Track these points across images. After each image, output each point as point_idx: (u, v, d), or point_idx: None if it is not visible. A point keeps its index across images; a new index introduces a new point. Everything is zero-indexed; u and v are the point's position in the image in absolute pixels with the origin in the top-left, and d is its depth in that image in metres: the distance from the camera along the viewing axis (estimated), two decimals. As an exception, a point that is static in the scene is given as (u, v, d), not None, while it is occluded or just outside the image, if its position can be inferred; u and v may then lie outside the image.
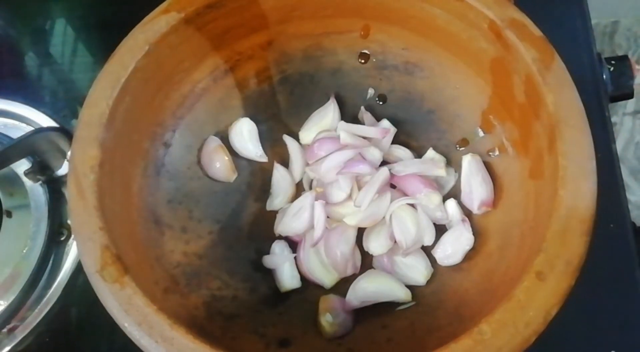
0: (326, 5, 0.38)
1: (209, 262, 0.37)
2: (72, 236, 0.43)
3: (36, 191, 0.44)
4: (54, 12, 0.53)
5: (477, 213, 0.37)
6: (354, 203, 0.36)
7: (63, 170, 0.45)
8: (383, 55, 0.41)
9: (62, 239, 0.43)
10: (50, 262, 0.42)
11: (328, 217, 0.37)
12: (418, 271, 0.36)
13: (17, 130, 0.47)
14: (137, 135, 0.35)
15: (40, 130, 0.44)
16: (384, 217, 0.37)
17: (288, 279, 0.37)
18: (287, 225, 0.37)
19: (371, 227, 0.37)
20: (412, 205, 0.37)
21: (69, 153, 0.44)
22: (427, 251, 0.37)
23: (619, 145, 0.78)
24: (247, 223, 0.39)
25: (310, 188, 0.40)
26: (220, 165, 0.39)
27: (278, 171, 0.40)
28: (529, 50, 0.32)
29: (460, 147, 0.40)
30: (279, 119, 0.42)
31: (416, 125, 0.41)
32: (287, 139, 0.41)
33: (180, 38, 0.35)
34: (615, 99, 0.46)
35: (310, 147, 0.40)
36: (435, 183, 0.38)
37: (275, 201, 0.40)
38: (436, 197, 0.37)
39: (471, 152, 0.38)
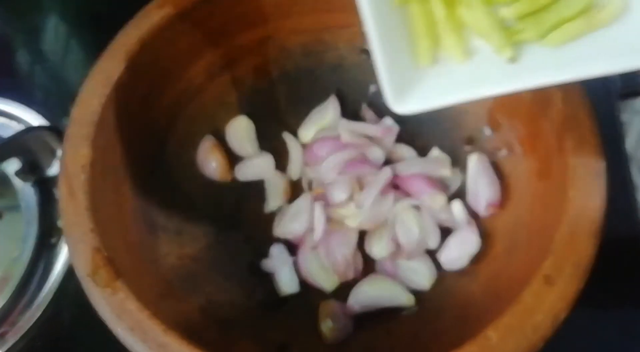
0: (327, -2, 0.38)
1: (205, 266, 0.36)
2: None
3: (27, 191, 0.43)
4: (47, 8, 0.53)
5: (483, 215, 0.36)
6: (356, 204, 0.36)
7: (54, 170, 0.44)
8: (385, 50, 0.40)
9: (54, 241, 0.42)
10: (42, 265, 0.41)
11: (328, 218, 0.37)
12: (422, 275, 0.36)
13: (7, 128, 0.46)
14: (130, 134, 0.35)
15: (31, 129, 0.44)
16: (386, 220, 0.36)
17: (287, 283, 0.36)
18: (286, 227, 0.37)
19: (373, 229, 0.37)
20: (417, 206, 0.36)
21: (60, 152, 0.44)
22: (431, 253, 0.36)
23: (629, 144, 0.78)
24: (244, 225, 0.39)
25: (310, 188, 0.39)
26: (216, 165, 0.39)
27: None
28: (537, 46, 0.31)
29: (466, 146, 0.39)
30: (277, 116, 0.42)
31: (420, 122, 0.40)
32: (287, 136, 0.41)
33: (175, 33, 0.35)
34: (625, 96, 0.45)
35: (310, 147, 0.39)
36: (440, 183, 0.38)
37: (271, 203, 0.39)
38: (441, 198, 0.36)
39: (477, 151, 0.38)
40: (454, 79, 0.24)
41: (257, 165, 0.40)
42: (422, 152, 0.40)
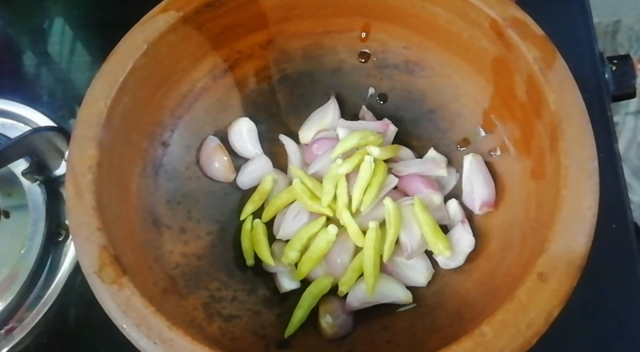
0: (326, 3, 0.38)
1: (208, 263, 0.36)
2: (70, 236, 0.42)
3: (34, 191, 0.43)
4: (53, 11, 0.52)
5: (478, 213, 0.37)
6: (354, 205, 0.36)
7: (61, 170, 0.45)
8: (383, 54, 0.40)
9: (60, 239, 0.43)
10: (48, 262, 0.42)
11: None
12: (419, 272, 0.36)
13: (15, 129, 0.47)
14: (135, 135, 0.35)
15: (38, 130, 0.44)
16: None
17: (287, 279, 0.37)
18: (287, 228, 0.37)
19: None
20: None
21: (66, 153, 0.44)
22: (428, 251, 0.37)
23: (621, 145, 0.78)
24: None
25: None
26: (219, 165, 0.39)
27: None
28: (531, 49, 0.32)
29: (461, 147, 0.39)
30: (278, 118, 0.42)
31: (417, 124, 0.41)
32: (284, 138, 0.41)
33: (178, 37, 0.35)
34: (617, 98, 0.46)
35: (309, 147, 0.39)
36: (436, 183, 0.38)
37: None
38: (437, 198, 0.37)
39: (472, 151, 0.38)
40: None
41: (255, 171, 0.39)
42: (419, 152, 0.40)
